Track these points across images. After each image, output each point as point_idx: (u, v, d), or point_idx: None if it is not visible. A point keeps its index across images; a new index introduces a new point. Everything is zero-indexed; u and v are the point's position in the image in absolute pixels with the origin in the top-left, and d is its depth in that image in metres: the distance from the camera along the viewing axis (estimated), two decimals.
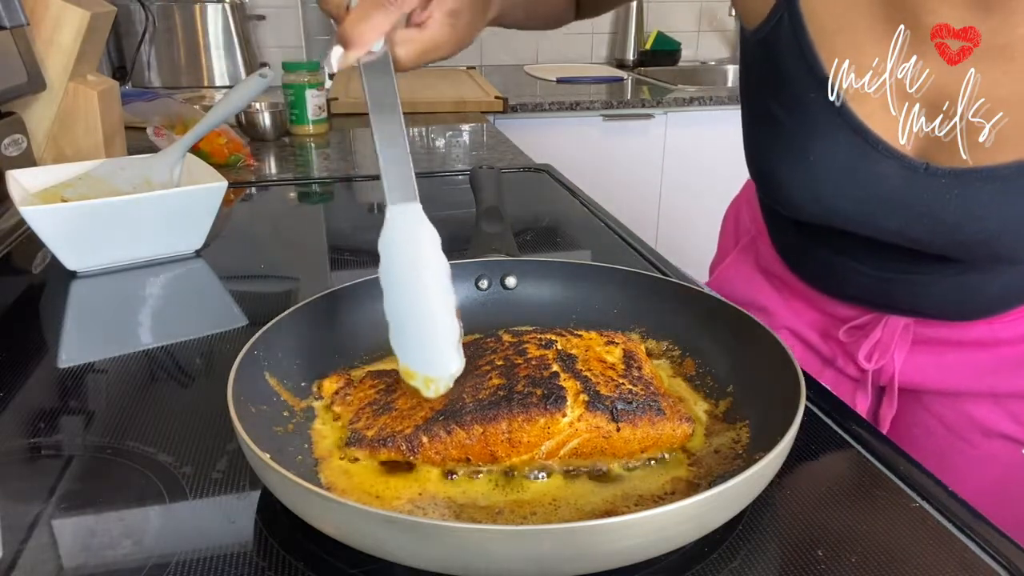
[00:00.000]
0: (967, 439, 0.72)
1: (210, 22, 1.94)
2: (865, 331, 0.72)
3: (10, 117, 0.97)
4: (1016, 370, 0.69)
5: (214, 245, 0.84)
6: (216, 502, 0.43)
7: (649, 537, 0.35)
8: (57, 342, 0.65)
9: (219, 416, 0.46)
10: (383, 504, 0.41)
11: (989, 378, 0.70)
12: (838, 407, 0.53)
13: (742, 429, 0.47)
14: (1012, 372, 0.69)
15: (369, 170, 1.22)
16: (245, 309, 0.71)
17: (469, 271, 0.61)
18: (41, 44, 1.01)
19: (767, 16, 0.61)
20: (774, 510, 0.43)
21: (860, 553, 0.39)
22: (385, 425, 0.45)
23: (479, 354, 0.49)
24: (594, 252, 0.88)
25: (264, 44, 2.19)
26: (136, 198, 0.76)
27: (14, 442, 0.50)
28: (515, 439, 0.42)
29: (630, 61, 2.55)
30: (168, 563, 0.39)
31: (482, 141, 1.45)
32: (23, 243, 0.86)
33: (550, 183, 1.12)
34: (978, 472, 0.72)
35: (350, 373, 0.52)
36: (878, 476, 0.46)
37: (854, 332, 0.73)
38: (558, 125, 2.00)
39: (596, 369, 0.47)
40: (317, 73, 1.48)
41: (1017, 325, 0.68)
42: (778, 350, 0.47)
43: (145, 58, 1.93)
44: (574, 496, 0.42)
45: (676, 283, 0.60)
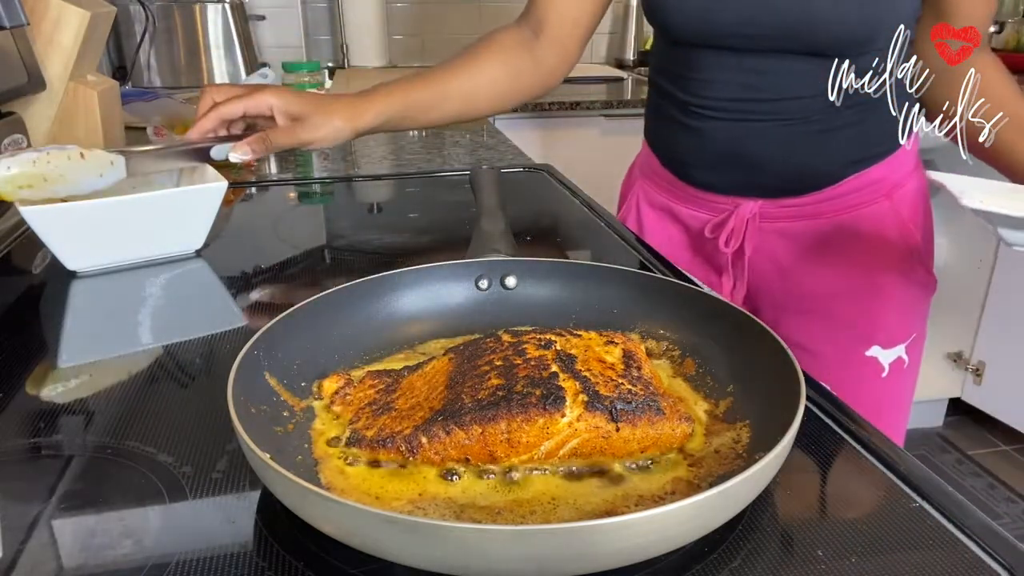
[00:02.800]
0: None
1: (210, 22, 1.94)
2: (723, 225, 0.91)
3: (10, 117, 0.97)
4: (841, 237, 0.88)
5: (214, 245, 0.84)
6: (216, 502, 0.43)
7: (649, 537, 0.35)
8: (57, 342, 0.65)
9: (219, 416, 0.46)
10: (383, 504, 0.41)
11: (820, 246, 0.89)
12: (838, 407, 0.53)
13: (742, 429, 0.47)
14: (837, 240, 0.88)
15: (369, 170, 1.22)
16: (245, 309, 0.71)
17: (469, 271, 0.61)
18: (41, 44, 1.01)
19: None
20: (774, 510, 0.43)
21: (860, 553, 0.39)
22: (385, 425, 0.45)
23: (478, 354, 0.49)
24: (594, 252, 0.87)
25: (264, 44, 2.18)
26: (136, 198, 0.76)
27: (14, 442, 0.50)
28: (514, 439, 0.42)
29: (630, 61, 2.55)
30: (168, 563, 0.39)
31: (482, 141, 1.45)
32: (23, 243, 0.86)
33: (550, 183, 1.12)
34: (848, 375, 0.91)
35: (350, 373, 0.52)
36: (878, 476, 0.46)
37: (716, 228, 0.93)
38: (558, 125, 2.00)
39: (595, 369, 0.47)
40: (317, 73, 1.48)
41: (838, 201, 0.87)
42: (778, 350, 0.47)
43: (145, 58, 1.92)
44: (574, 496, 0.42)
45: (676, 283, 0.60)
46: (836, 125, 0.82)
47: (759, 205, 0.89)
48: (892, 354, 0.91)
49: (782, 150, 0.84)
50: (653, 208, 1.00)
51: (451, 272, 0.61)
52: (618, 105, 2.00)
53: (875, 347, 0.90)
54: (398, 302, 0.59)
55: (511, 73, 0.91)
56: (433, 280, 0.61)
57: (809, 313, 0.93)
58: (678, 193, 0.96)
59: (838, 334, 0.92)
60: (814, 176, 0.86)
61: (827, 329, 0.92)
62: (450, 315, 0.60)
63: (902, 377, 0.93)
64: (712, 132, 0.87)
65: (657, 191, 0.99)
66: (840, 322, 0.91)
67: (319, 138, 0.79)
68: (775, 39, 0.78)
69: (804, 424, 0.42)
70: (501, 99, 0.92)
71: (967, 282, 2.10)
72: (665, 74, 0.92)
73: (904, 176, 0.89)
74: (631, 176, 1.07)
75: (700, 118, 0.87)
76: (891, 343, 0.91)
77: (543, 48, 0.93)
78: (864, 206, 0.87)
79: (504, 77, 0.91)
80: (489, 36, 0.92)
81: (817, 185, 0.86)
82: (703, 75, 0.85)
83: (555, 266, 0.62)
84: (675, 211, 0.97)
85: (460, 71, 0.89)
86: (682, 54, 0.87)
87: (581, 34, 0.95)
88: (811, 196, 0.87)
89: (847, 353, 0.92)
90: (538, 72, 0.93)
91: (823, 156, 0.84)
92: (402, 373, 0.52)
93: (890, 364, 0.91)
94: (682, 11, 0.82)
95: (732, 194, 0.90)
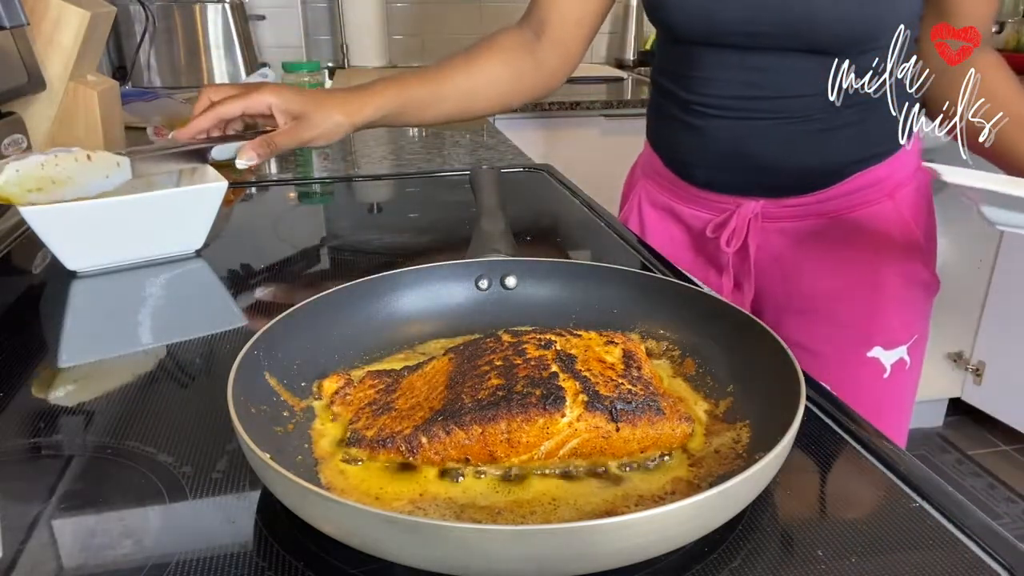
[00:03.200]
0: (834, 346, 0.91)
1: (210, 22, 1.94)
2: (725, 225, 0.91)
3: (10, 117, 0.97)
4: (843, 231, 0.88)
5: (214, 245, 0.84)
6: (216, 502, 0.43)
7: (649, 537, 0.35)
8: (57, 342, 0.65)
9: (219, 416, 0.46)
10: (383, 505, 0.41)
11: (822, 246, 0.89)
12: (838, 407, 0.53)
13: (742, 429, 0.47)
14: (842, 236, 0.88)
15: (369, 170, 1.22)
16: (245, 309, 0.71)
17: (469, 271, 0.61)
18: (41, 44, 1.01)
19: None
20: (774, 510, 0.43)
21: (860, 553, 0.39)
22: (384, 425, 0.45)
23: (478, 354, 0.49)
24: (594, 252, 0.87)
25: (264, 44, 2.18)
26: (136, 198, 0.76)
27: (14, 442, 0.50)
28: (514, 439, 0.42)
29: (630, 61, 2.55)
30: (168, 563, 0.39)
31: (482, 141, 1.45)
32: (23, 243, 0.86)
33: (550, 183, 1.12)
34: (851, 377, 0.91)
35: (350, 373, 0.52)
36: (878, 476, 0.46)
37: (717, 228, 0.92)
38: (558, 125, 2.00)
39: (595, 369, 0.47)
40: (317, 73, 1.48)
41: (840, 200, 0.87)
42: (778, 350, 0.47)
43: (145, 58, 1.92)
44: (574, 496, 0.42)
45: (676, 283, 0.60)
46: (838, 124, 0.82)
47: (761, 205, 0.89)
48: (894, 355, 0.91)
49: (784, 149, 0.84)
50: (655, 208, 1.00)
51: (451, 272, 0.61)
52: (618, 105, 2.00)
53: (877, 348, 0.90)
54: (398, 302, 0.59)
55: (512, 74, 0.92)
56: (433, 280, 0.61)
57: (811, 313, 0.92)
58: (680, 193, 0.96)
59: (840, 334, 0.91)
60: (816, 175, 0.86)
61: (829, 329, 0.92)
62: (450, 315, 0.60)
63: (904, 378, 0.93)
64: (714, 131, 0.87)
65: (659, 191, 0.99)
66: (842, 322, 0.91)
67: (319, 135, 0.80)
68: (776, 37, 0.78)
69: (804, 424, 0.42)
70: (501, 99, 0.93)
71: (967, 282, 2.10)
72: (667, 73, 0.92)
73: (907, 176, 0.89)
74: (633, 176, 1.08)
75: (702, 116, 0.87)
76: (893, 344, 0.90)
77: (545, 49, 0.93)
78: (866, 206, 0.87)
79: (505, 78, 0.91)
80: (490, 37, 0.93)
81: (819, 184, 0.87)
82: (704, 73, 0.85)
83: (555, 266, 0.62)
84: (677, 211, 0.97)
85: (460, 70, 0.90)
86: (684, 53, 0.87)
87: (583, 35, 0.95)
88: (813, 195, 0.87)
89: (849, 354, 0.91)
90: (540, 73, 0.94)
91: (825, 155, 0.84)
92: (402, 373, 0.52)
93: (892, 365, 0.91)
94: (683, 9, 0.82)
95: (734, 193, 0.90)
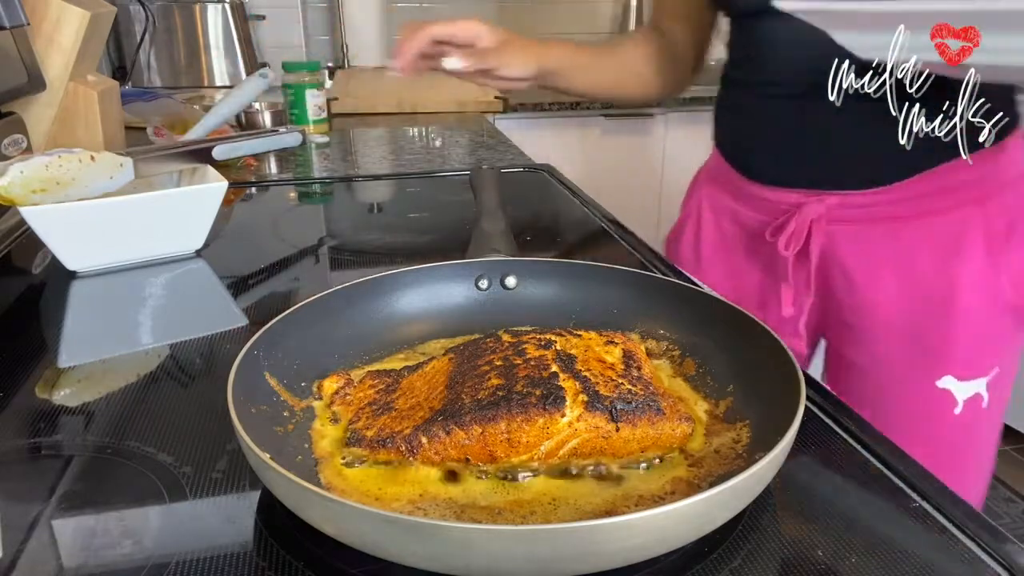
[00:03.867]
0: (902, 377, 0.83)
1: (210, 22, 1.94)
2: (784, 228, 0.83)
3: (10, 117, 0.97)
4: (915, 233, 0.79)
5: (214, 245, 0.84)
6: (216, 502, 0.43)
7: (649, 537, 0.35)
8: (57, 342, 0.65)
9: (219, 416, 0.46)
10: (383, 505, 0.41)
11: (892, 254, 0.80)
12: (838, 407, 0.53)
13: (742, 429, 0.47)
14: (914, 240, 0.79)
15: (369, 170, 1.22)
16: (245, 309, 0.71)
17: (469, 271, 0.61)
18: (41, 44, 1.01)
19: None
20: (774, 510, 0.43)
21: (860, 553, 0.39)
22: (384, 425, 0.45)
23: (478, 354, 0.49)
24: (594, 252, 0.87)
25: (264, 44, 2.18)
26: (136, 198, 0.76)
27: (14, 442, 0.50)
28: (514, 439, 0.42)
29: None
30: (168, 563, 0.39)
31: (482, 141, 1.45)
32: (23, 243, 0.86)
33: (550, 183, 1.12)
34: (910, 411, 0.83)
35: (350, 373, 0.52)
36: (878, 476, 0.46)
37: (776, 232, 0.84)
38: (558, 125, 2.00)
39: (595, 369, 0.47)
40: (317, 73, 1.48)
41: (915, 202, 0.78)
42: (778, 350, 0.47)
43: (145, 58, 1.92)
44: (574, 496, 0.42)
45: (676, 283, 0.60)
46: None
47: (825, 206, 0.80)
48: (969, 388, 0.79)
49: (850, 128, 0.76)
50: (714, 212, 0.94)
51: (451, 272, 0.61)
52: (618, 105, 2.00)
53: (948, 377, 0.79)
54: (398, 302, 0.59)
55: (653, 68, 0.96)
56: (433, 280, 0.61)
57: (875, 330, 0.82)
58: (741, 192, 0.89)
59: (906, 357, 0.81)
60: (886, 161, 0.76)
61: (893, 350, 0.82)
62: (450, 315, 0.60)
63: (979, 417, 0.81)
64: (776, 110, 0.81)
65: (720, 193, 0.93)
66: (909, 343, 0.81)
67: (517, 63, 0.84)
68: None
69: (804, 424, 0.42)
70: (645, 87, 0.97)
71: None
72: (732, 63, 0.89)
73: (1004, 183, 0.78)
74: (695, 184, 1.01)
75: (764, 97, 0.82)
76: (968, 375, 0.79)
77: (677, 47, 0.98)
78: (946, 211, 0.77)
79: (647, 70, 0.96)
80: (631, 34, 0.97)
81: (891, 174, 0.77)
82: (766, 49, 0.81)
83: (555, 266, 0.62)
84: (735, 212, 0.91)
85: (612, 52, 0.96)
86: (746, 33, 0.85)
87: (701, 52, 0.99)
88: (883, 192, 0.78)
89: (914, 381, 0.81)
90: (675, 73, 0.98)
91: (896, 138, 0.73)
92: (402, 373, 0.52)
93: (965, 401, 0.79)
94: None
95: (797, 187, 0.82)
